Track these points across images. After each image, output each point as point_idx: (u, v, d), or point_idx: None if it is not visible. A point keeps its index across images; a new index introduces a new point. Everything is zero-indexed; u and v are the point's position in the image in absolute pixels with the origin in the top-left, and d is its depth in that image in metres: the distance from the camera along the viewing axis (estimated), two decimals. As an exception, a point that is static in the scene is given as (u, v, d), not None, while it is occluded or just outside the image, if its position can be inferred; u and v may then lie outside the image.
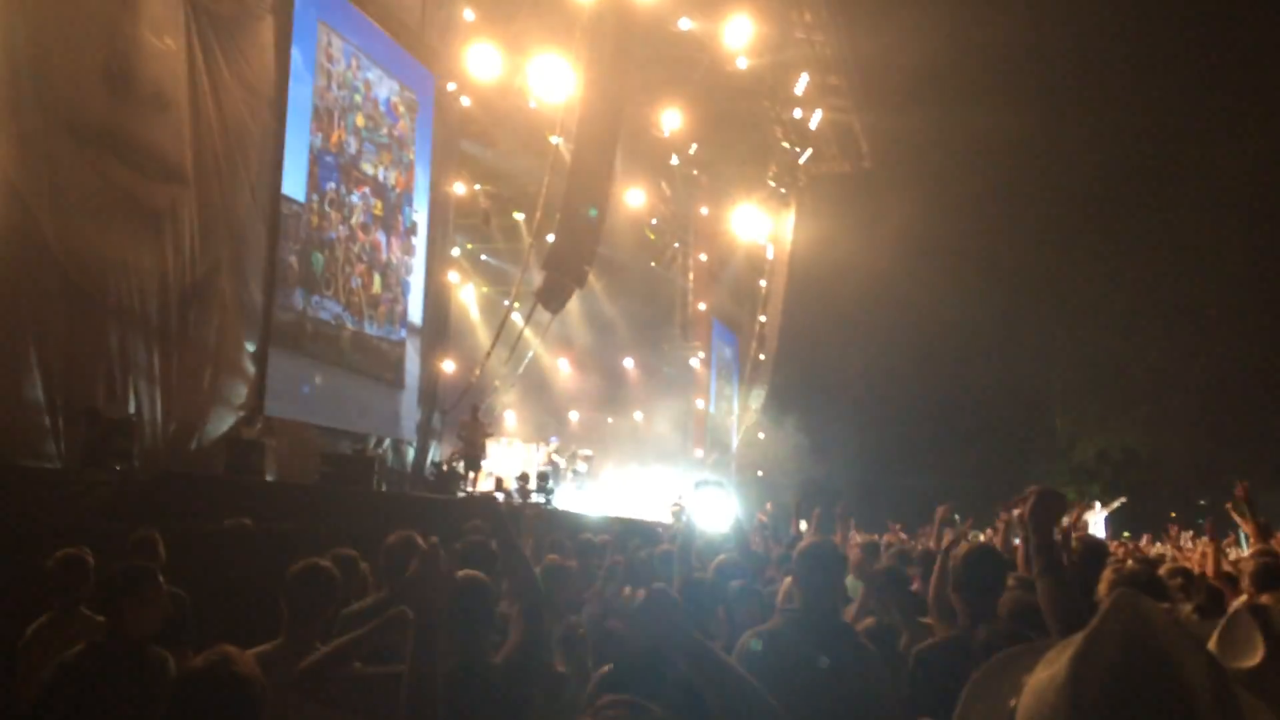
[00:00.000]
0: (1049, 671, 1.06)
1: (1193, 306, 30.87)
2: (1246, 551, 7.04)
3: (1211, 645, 1.97)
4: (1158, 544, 15.34)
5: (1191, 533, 14.33)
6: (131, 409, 9.16)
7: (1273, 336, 29.96)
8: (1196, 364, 32.62)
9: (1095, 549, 5.06)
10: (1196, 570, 6.92)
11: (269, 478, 10.28)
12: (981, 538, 16.41)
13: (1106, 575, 3.37)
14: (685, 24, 19.43)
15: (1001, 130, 27.93)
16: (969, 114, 28.05)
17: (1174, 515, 27.85)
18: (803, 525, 20.86)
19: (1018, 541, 6.03)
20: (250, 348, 11.18)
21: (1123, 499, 22.77)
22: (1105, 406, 36.31)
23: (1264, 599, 3.83)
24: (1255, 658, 1.86)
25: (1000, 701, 1.16)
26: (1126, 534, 17.59)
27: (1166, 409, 33.99)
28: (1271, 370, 30.36)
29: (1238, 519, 6.56)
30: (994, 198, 32.36)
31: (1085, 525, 7.05)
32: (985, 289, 32.90)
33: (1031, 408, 36.87)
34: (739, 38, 20.06)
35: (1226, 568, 6.05)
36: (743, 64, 20.96)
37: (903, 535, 12.31)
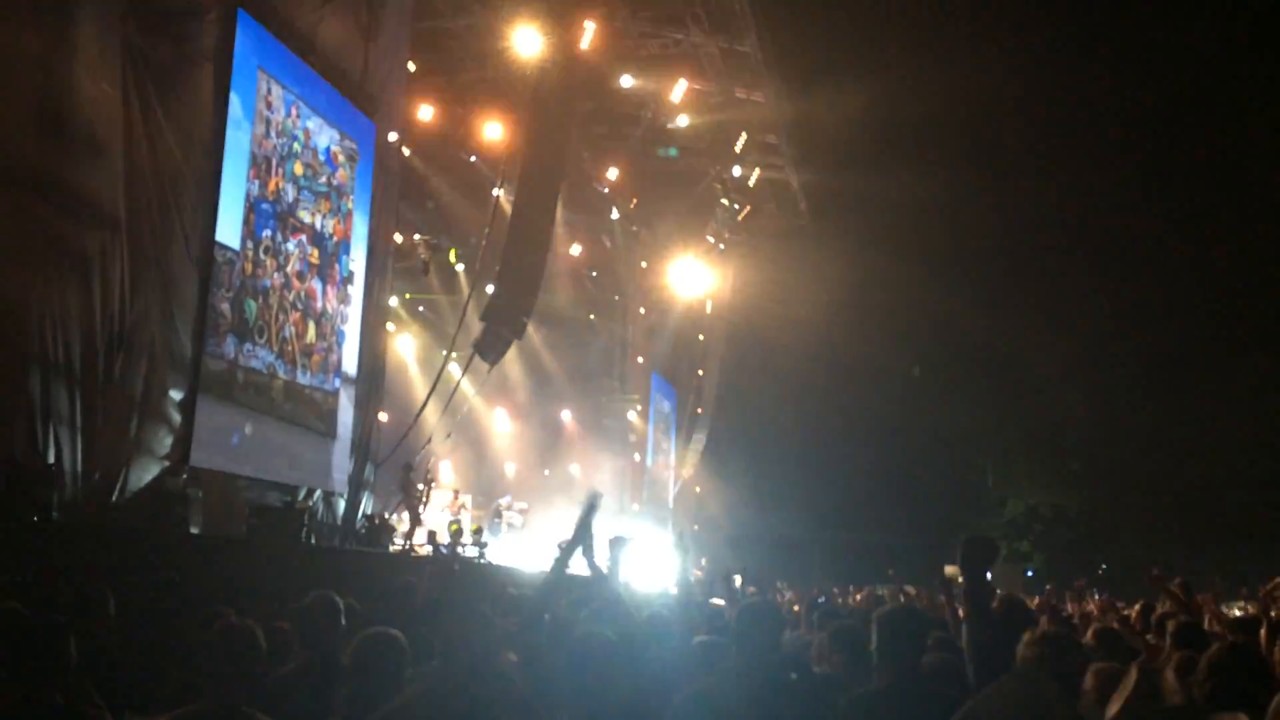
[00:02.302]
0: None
1: (1121, 366, 31.63)
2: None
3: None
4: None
5: (1098, 593, 14.61)
6: (51, 458, 8.89)
7: (1199, 398, 30.80)
8: (1126, 423, 33.39)
9: (1018, 605, 5.14)
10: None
11: (194, 530, 10.03)
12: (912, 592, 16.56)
13: (1025, 637, 3.44)
14: (627, 81, 19.71)
15: (936, 190, 28.62)
16: (905, 173, 28.73)
17: (1102, 570, 28.38)
18: (737, 579, 20.87)
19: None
20: (177, 396, 10.93)
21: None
22: (1035, 464, 36.96)
23: (1178, 656, 3.95)
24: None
25: None
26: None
27: (1095, 467, 34.71)
28: (1199, 429, 31.18)
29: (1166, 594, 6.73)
30: (928, 256, 33.08)
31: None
32: (920, 344, 33.46)
33: (965, 464, 37.41)
34: (679, 96, 20.40)
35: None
36: (683, 122, 21.29)
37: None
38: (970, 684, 3.34)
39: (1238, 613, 9.45)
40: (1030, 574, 32.51)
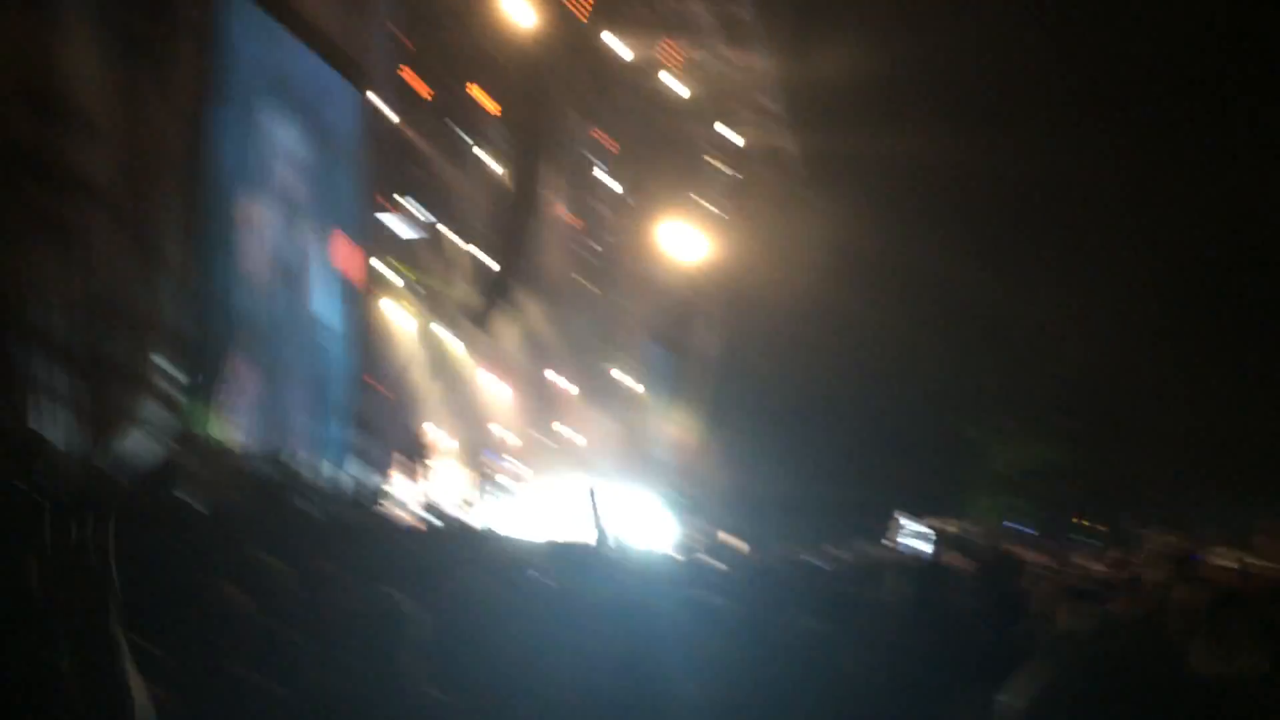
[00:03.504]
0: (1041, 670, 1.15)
1: (1119, 323, 31.66)
2: None
3: None
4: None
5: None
6: (40, 430, 8.89)
7: (1187, 354, 30.83)
8: (1122, 379, 33.47)
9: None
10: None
11: (189, 500, 10.05)
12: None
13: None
14: (619, 46, 19.56)
15: (932, 149, 28.41)
16: (900, 133, 28.55)
17: (1084, 523, 28.60)
18: (733, 541, 21.02)
19: None
20: (167, 370, 10.93)
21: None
22: (1024, 420, 37.08)
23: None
24: None
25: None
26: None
27: (1089, 424, 34.83)
28: (1184, 382, 31.26)
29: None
30: (925, 215, 32.95)
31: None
32: (915, 305, 33.42)
33: (959, 422, 37.50)
34: (670, 58, 20.26)
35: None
36: (676, 85, 21.16)
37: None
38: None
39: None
40: (1018, 528, 32.71)
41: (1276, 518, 7.62)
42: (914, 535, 24.52)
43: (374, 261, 16.47)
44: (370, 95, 15.59)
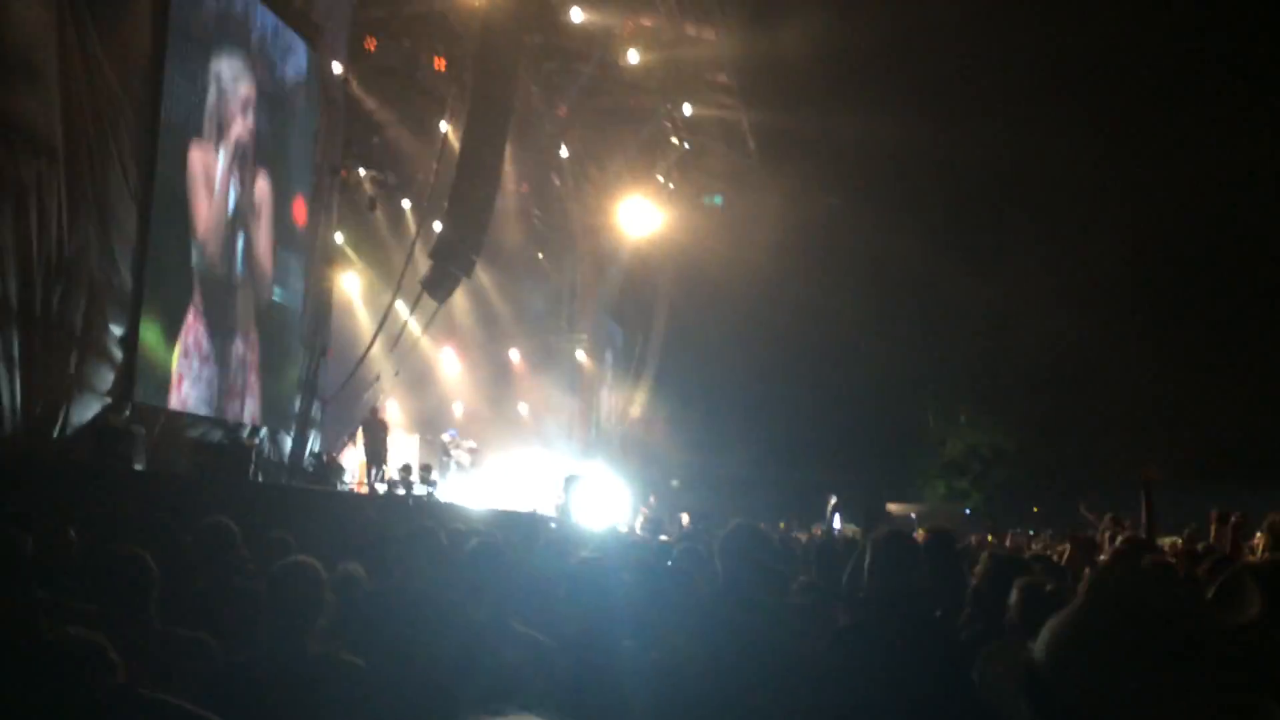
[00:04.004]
0: (1064, 614, 1.25)
1: (1062, 308, 32.15)
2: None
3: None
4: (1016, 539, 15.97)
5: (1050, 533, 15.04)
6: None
7: (1138, 340, 31.44)
8: (1064, 365, 34.06)
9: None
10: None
11: (138, 466, 9.93)
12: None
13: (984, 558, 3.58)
14: (577, 16, 19.41)
15: (884, 130, 28.60)
16: (853, 113, 28.69)
17: (1036, 510, 29.14)
18: (685, 518, 21.14)
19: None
20: (118, 331, 10.75)
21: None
22: (976, 405, 37.64)
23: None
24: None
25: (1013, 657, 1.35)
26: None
27: (1034, 409, 35.40)
28: (1140, 371, 31.92)
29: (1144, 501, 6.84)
30: (875, 196, 33.28)
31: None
32: (865, 286, 33.71)
33: (907, 403, 37.98)
34: (629, 32, 20.18)
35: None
36: (634, 59, 21.05)
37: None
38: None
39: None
40: (968, 512, 33.29)
41: (1226, 505, 7.81)
42: (849, 516, 25.11)
43: (329, 228, 16.26)
44: (327, 57, 15.36)
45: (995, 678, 3.00)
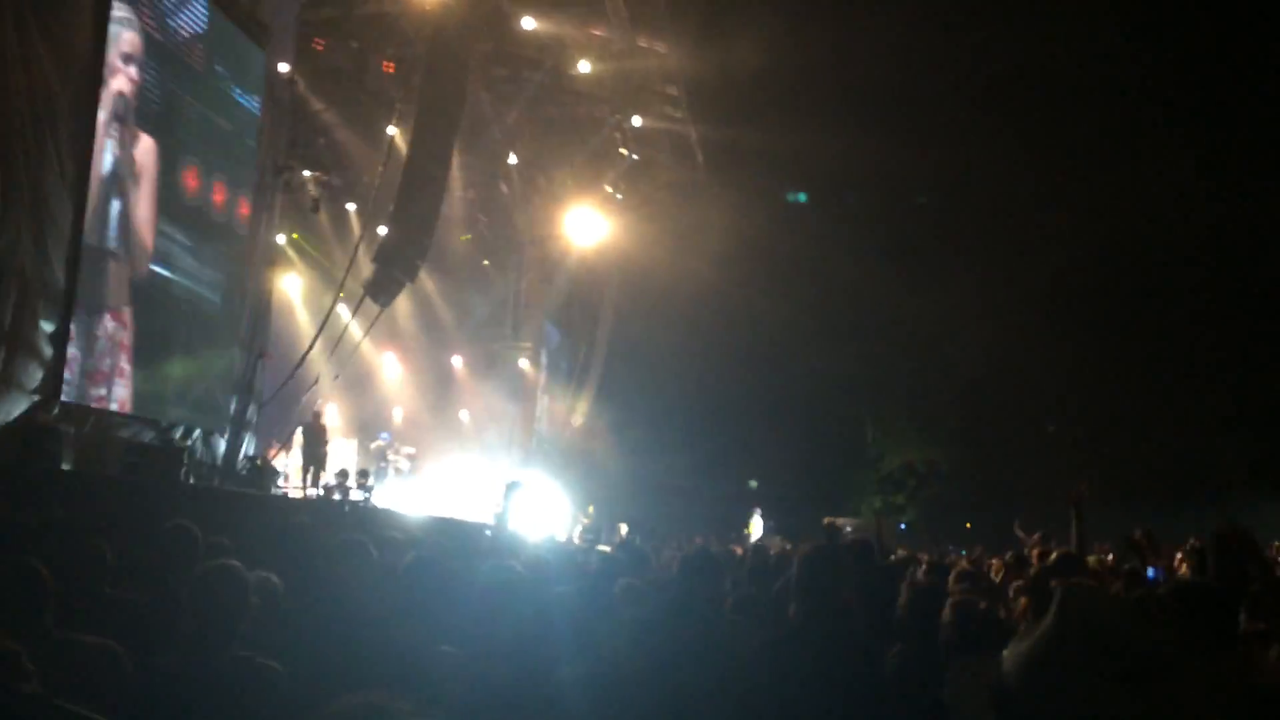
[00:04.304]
0: (1025, 643, 1.31)
1: (1000, 323, 32.66)
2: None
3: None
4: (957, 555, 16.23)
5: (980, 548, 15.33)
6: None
7: (1070, 358, 32.06)
8: (997, 382, 34.63)
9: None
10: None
11: (66, 466, 9.71)
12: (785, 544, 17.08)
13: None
14: (529, 24, 19.40)
15: (828, 145, 28.98)
16: (800, 128, 29.04)
17: (968, 526, 29.60)
18: (623, 529, 21.11)
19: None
20: (49, 328, 10.51)
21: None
22: (913, 420, 38.13)
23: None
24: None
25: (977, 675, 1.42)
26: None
27: (970, 425, 35.94)
28: (1072, 389, 32.55)
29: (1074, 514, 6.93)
30: (818, 211, 33.68)
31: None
32: (807, 299, 34.00)
33: (847, 417, 38.35)
34: (581, 42, 20.22)
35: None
36: (585, 68, 21.09)
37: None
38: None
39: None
40: (904, 527, 33.68)
41: (1153, 521, 8.01)
42: (770, 528, 25.61)
43: (270, 228, 16.06)
44: (273, 56, 15.18)
45: (966, 691, 3.06)
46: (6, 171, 9.73)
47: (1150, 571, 7.22)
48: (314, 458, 15.51)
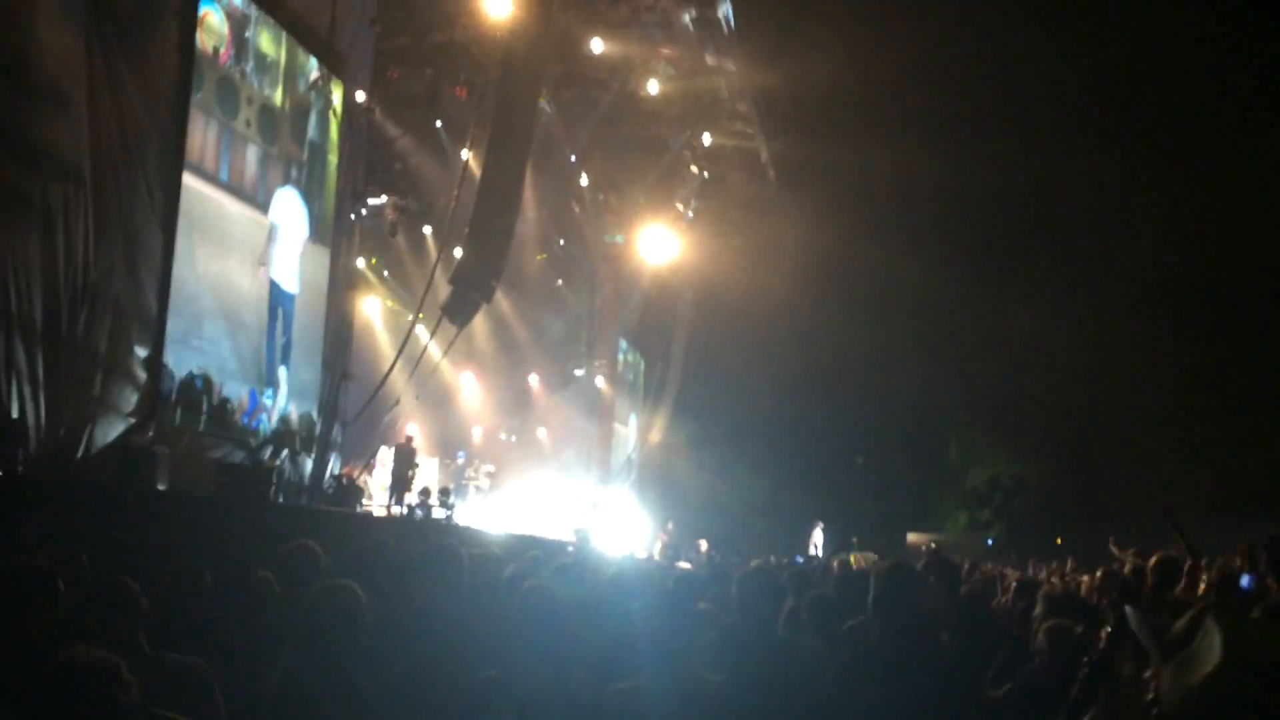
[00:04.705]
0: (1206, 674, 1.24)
1: (1084, 336, 31.95)
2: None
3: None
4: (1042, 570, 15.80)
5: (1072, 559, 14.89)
6: (15, 413, 8.81)
7: (1163, 369, 31.19)
8: (1087, 394, 33.83)
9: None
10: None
11: (161, 487, 9.99)
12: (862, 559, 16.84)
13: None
14: (597, 46, 19.58)
15: (903, 159, 28.72)
16: (873, 142, 28.87)
17: (1059, 541, 28.86)
18: (703, 544, 21.04)
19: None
20: (142, 353, 10.86)
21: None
22: (997, 434, 37.40)
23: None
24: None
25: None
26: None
27: (1054, 439, 35.14)
28: (1156, 399, 31.64)
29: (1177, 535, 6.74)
30: (894, 225, 33.32)
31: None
32: (886, 315, 33.68)
33: (929, 433, 37.79)
34: (649, 62, 20.35)
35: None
36: (654, 88, 21.21)
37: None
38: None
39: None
40: (990, 543, 33.02)
41: (1250, 533, 7.70)
42: (838, 544, 25.34)
43: (351, 254, 16.40)
44: (350, 85, 15.53)
45: None
46: (100, 204, 10.10)
47: (1245, 580, 6.94)
48: (401, 478, 15.72)
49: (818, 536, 24.99)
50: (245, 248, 13.08)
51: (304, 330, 14.54)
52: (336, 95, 15.14)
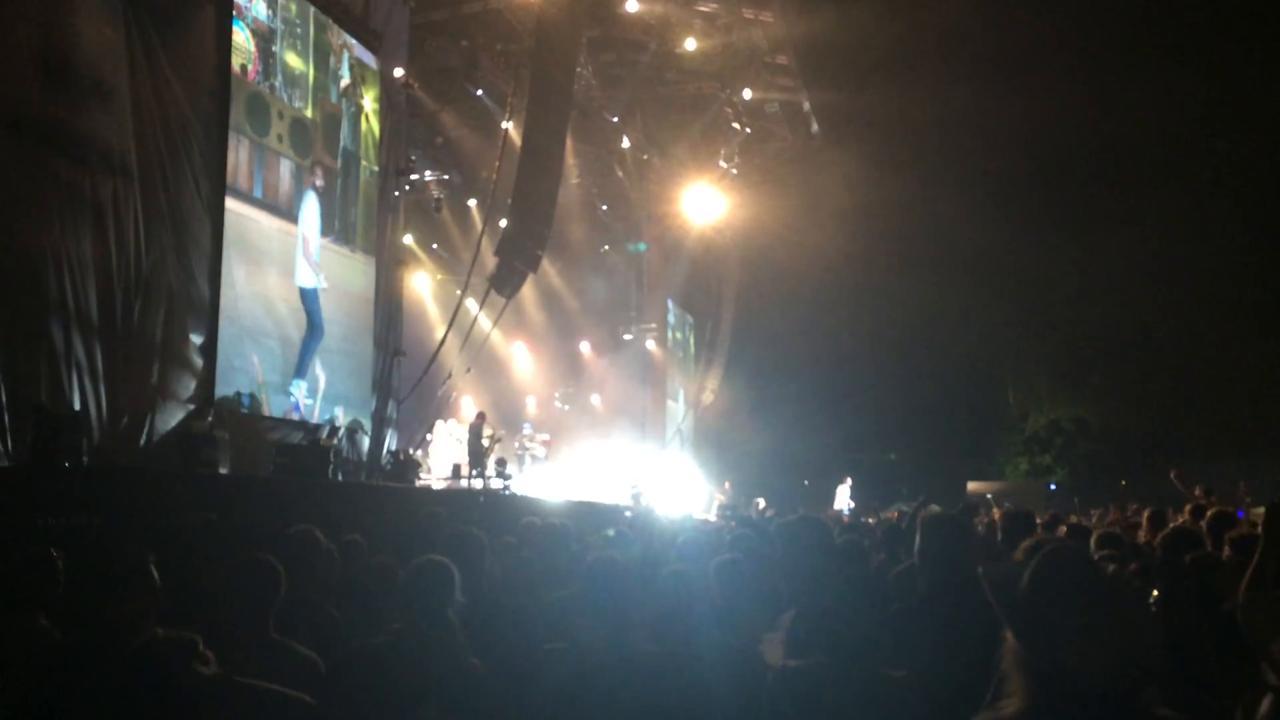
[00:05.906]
0: None
1: (1139, 279, 31.27)
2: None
3: None
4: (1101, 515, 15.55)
5: (1136, 505, 14.64)
6: (76, 405, 9.02)
7: (1219, 310, 30.48)
8: (1147, 335, 33.19)
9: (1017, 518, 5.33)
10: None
11: (223, 470, 10.19)
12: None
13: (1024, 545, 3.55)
14: (633, 6, 19.36)
15: (951, 106, 28.13)
16: (919, 91, 28.26)
17: (1124, 484, 28.43)
18: (760, 503, 21.02)
19: None
20: (198, 340, 11.04)
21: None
22: (1056, 379, 36.82)
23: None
24: None
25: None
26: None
27: (1115, 380, 34.53)
28: (1220, 343, 30.90)
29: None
30: (944, 175, 32.66)
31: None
32: (936, 265, 33.20)
33: (985, 381, 37.30)
34: (685, 19, 20.11)
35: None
36: (691, 45, 20.97)
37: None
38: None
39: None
40: (1053, 488, 32.60)
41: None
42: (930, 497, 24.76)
43: (398, 230, 16.48)
44: (388, 62, 15.54)
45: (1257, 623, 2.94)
46: (148, 194, 10.24)
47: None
48: (476, 454, 15.79)
49: (843, 493, 23.88)
50: (281, 262, 12.89)
51: (344, 338, 14.37)
52: (369, 99, 15.09)
